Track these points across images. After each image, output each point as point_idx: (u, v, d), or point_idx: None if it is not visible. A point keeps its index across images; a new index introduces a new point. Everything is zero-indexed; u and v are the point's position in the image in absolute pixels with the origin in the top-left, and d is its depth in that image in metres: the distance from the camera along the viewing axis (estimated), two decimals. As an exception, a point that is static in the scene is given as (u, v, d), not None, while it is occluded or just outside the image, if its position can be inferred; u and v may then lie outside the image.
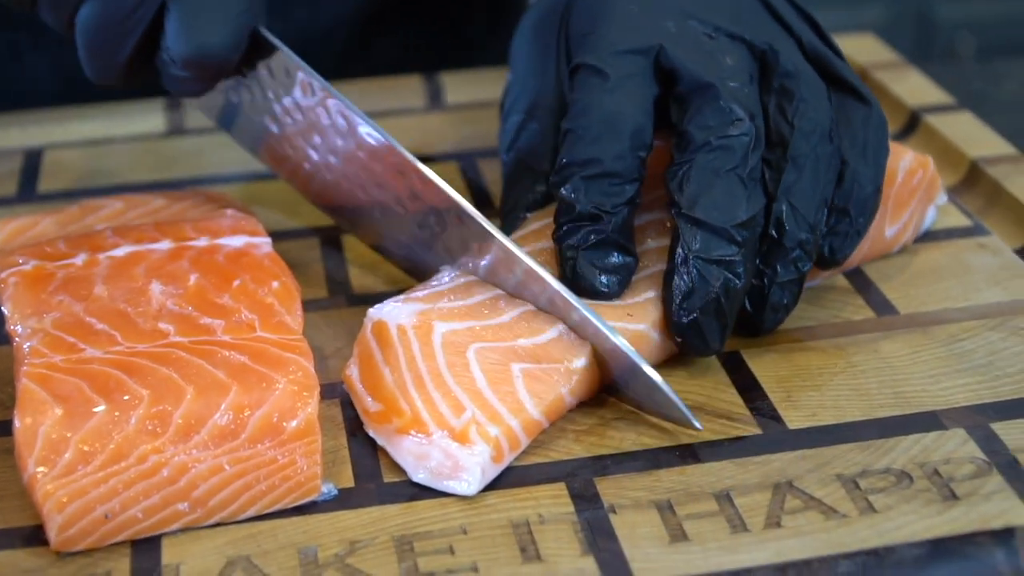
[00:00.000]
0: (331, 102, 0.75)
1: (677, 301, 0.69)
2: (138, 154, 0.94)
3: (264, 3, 0.76)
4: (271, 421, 0.63)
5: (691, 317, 0.69)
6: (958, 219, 0.84)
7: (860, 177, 0.74)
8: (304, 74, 0.75)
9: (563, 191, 0.71)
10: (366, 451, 0.67)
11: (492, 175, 0.89)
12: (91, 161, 0.93)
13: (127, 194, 0.83)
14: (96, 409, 0.62)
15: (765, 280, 0.71)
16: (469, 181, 0.89)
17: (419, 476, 0.65)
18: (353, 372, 0.69)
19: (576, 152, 0.71)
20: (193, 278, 0.69)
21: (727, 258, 0.69)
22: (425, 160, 0.87)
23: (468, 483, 0.64)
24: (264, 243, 0.73)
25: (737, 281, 0.69)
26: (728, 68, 0.73)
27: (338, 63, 1.07)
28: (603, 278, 0.70)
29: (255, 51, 0.76)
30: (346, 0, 1.07)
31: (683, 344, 0.70)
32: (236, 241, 0.72)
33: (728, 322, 0.70)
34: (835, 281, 0.78)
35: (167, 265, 0.70)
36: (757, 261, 0.71)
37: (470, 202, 0.71)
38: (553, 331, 0.69)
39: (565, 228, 0.71)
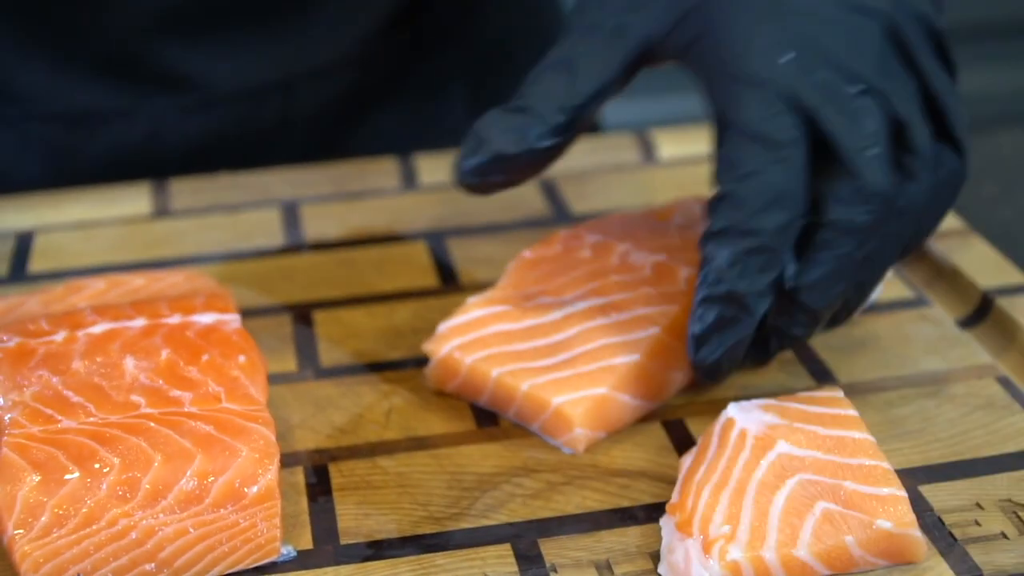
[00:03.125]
0: None
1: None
2: (124, 236, 0.98)
3: None
4: (233, 487, 0.67)
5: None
6: (902, 291, 0.88)
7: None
8: None
9: (719, 262, 0.71)
10: (326, 516, 0.70)
11: (460, 253, 0.93)
12: (79, 243, 0.97)
13: (111, 274, 0.88)
14: (70, 476, 0.66)
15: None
16: (437, 259, 0.93)
17: (662, 568, 0.66)
18: (687, 459, 0.70)
19: (737, 220, 0.70)
20: (165, 353, 0.74)
21: (796, 333, 0.75)
22: (393, 239, 0.92)
23: None
24: (233, 320, 0.77)
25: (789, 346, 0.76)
26: (870, 134, 0.71)
27: (314, 148, 1.12)
28: (726, 364, 0.74)
29: None
30: (322, 88, 1.12)
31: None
32: (206, 318, 0.77)
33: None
34: (780, 351, 0.82)
35: (141, 341, 0.75)
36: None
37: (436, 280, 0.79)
38: (886, 489, 0.66)
39: (712, 306, 0.72)
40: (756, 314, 0.72)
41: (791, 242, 0.71)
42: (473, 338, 0.77)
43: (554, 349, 0.76)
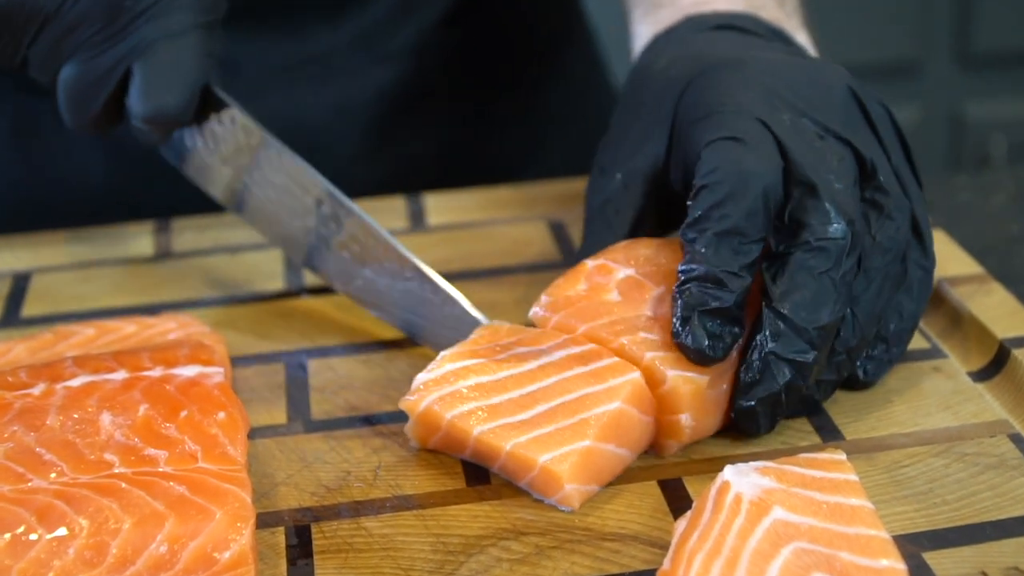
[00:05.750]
0: (269, 145, 0.87)
1: (740, 387, 0.74)
2: (123, 278, 0.96)
3: (214, 62, 0.85)
4: (205, 552, 0.65)
5: (749, 405, 0.74)
6: (918, 342, 0.85)
7: (903, 311, 0.79)
8: (245, 119, 0.87)
9: (695, 245, 0.74)
10: (304, 580, 0.68)
11: (464, 297, 0.91)
12: (76, 285, 0.95)
13: (104, 319, 0.86)
14: (36, 538, 0.64)
15: None
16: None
17: None
18: (681, 524, 0.67)
19: (709, 206, 0.74)
20: (143, 409, 0.72)
21: (799, 359, 0.73)
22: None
23: None
24: (216, 373, 0.75)
25: (802, 381, 0.73)
26: (835, 169, 0.76)
27: (369, 137, 1.14)
28: (710, 342, 0.73)
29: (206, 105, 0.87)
30: (380, 74, 1.13)
31: (735, 423, 0.76)
32: (189, 371, 0.75)
33: (782, 413, 0.75)
34: (786, 406, 0.80)
35: (119, 396, 0.73)
36: None
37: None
38: (884, 561, 0.63)
39: (689, 286, 0.74)
40: (733, 293, 0.73)
41: (764, 227, 0.74)
42: (450, 392, 0.74)
43: (533, 400, 0.74)
